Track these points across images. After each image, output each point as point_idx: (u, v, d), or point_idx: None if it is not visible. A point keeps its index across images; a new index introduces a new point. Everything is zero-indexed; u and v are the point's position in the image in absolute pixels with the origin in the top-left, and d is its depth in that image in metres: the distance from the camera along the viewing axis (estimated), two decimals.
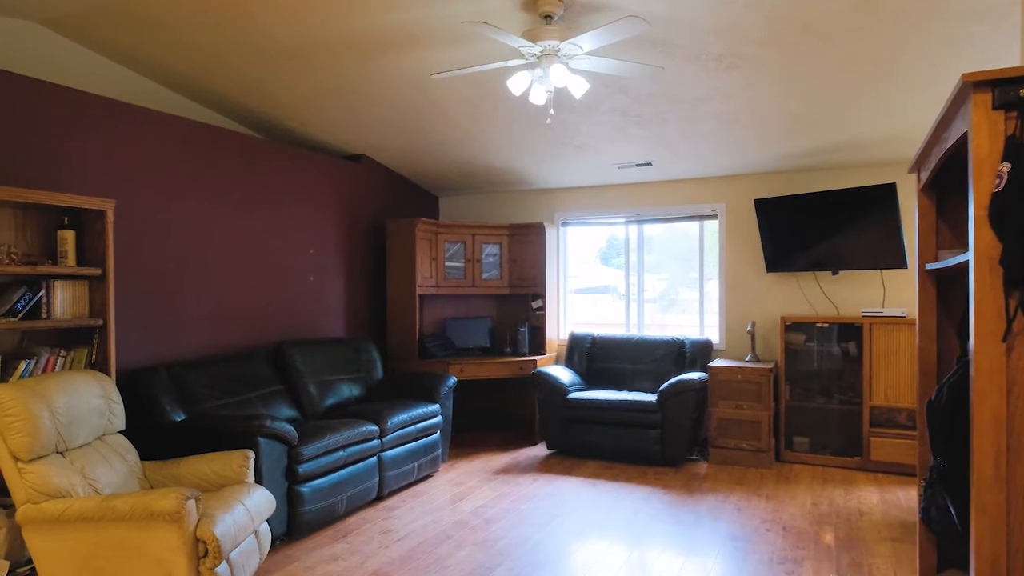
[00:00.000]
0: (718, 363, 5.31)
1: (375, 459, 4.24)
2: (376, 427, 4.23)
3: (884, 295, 5.30)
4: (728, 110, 4.42)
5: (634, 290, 6.30)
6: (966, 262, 1.76)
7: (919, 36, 3.33)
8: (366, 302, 5.91)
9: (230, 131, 4.57)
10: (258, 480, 3.39)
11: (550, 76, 3.32)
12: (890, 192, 4.87)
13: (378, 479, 4.26)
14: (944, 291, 2.39)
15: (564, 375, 5.59)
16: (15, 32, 3.65)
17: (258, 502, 2.98)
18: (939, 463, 1.89)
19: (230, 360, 4.22)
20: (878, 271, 5.29)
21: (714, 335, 5.92)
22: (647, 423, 5.11)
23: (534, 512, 4.13)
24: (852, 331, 5.07)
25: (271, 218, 4.88)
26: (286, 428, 3.56)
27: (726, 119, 4.57)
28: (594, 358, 5.97)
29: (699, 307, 6.03)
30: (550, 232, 6.20)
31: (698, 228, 6.02)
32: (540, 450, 5.66)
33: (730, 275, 5.82)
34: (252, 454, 3.18)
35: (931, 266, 2.21)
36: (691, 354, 5.59)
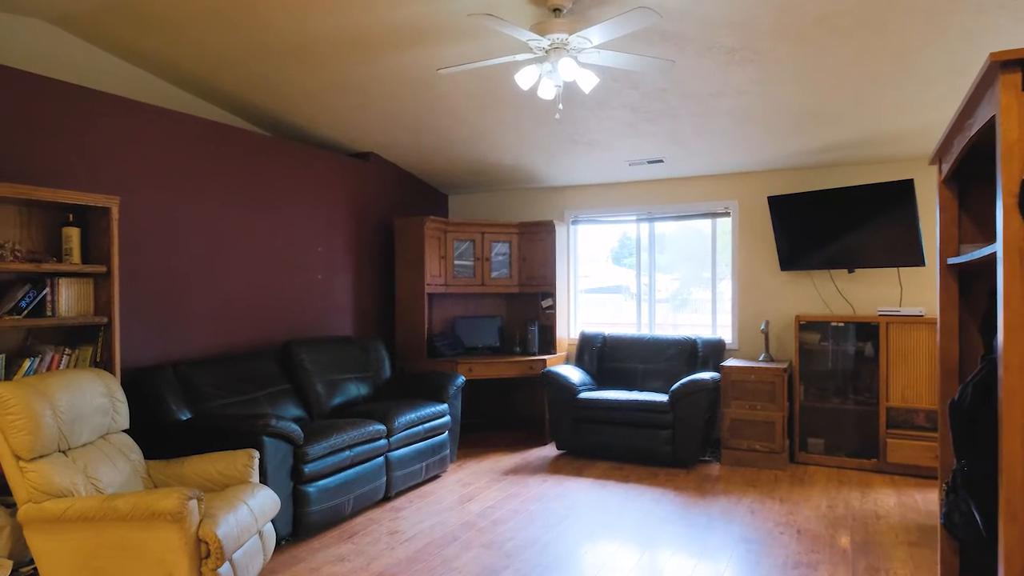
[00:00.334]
0: (731, 363, 5.22)
1: (382, 459, 4.20)
2: (383, 427, 4.19)
3: (901, 294, 5.19)
4: (741, 105, 4.34)
5: (645, 290, 6.23)
6: (991, 255, 1.69)
7: (938, 27, 3.24)
8: (374, 301, 5.87)
9: (238, 128, 4.54)
10: (263, 480, 3.35)
11: (559, 70, 3.26)
12: (908, 188, 4.77)
13: (385, 479, 4.21)
14: (966, 287, 2.31)
15: (574, 375, 5.52)
16: (23, 30, 3.64)
17: (262, 502, 2.94)
18: (963, 466, 1.81)
19: (237, 359, 4.20)
20: (895, 269, 5.18)
21: (727, 335, 5.84)
22: (658, 423, 5.03)
23: (543, 513, 4.07)
24: (868, 330, 4.97)
25: (279, 216, 4.85)
26: (291, 427, 3.52)
27: (739, 115, 4.49)
28: (605, 357, 5.90)
29: (712, 306, 5.94)
30: (560, 230, 6.14)
31: (711, 226, 5.94)
32: (549, 450, 5.60)
33: (743, 273, 5.73)
34: (257, 454, 3.14)
35: (953, 260, 2.13)
36: (703, 354, 5.51)
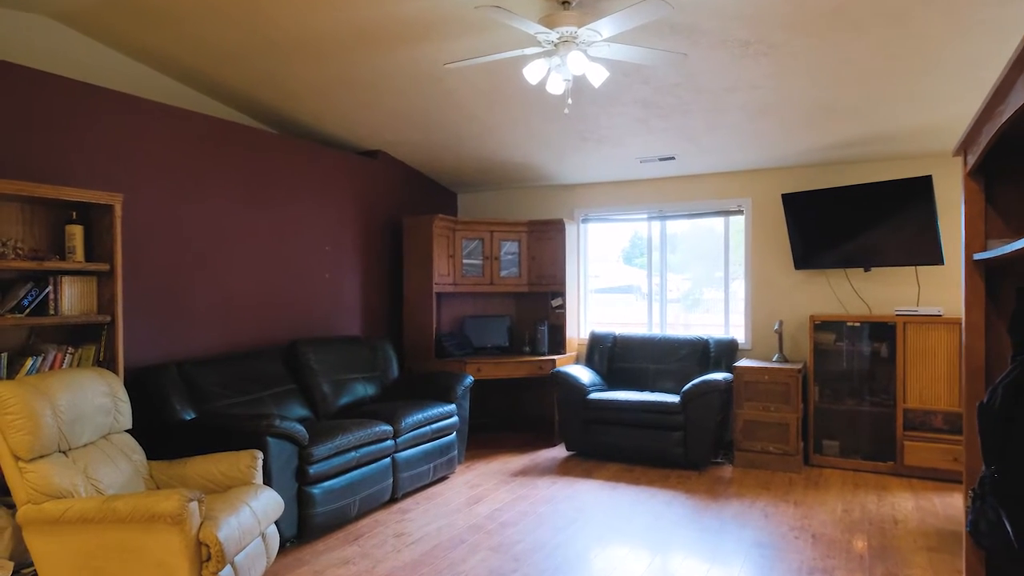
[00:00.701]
0: (744, 363, 5.13)
1: (389, 460, 4.14)
2: (390, 427, 4.13)
3: (919, 293, 5.08)
4: (755, 100, 4.24)
5: (656, 289, 6.14)
6: (1021, 250, 1.60)
7: (958, 19, 3.14)
8: (382, 300, 5.82)
9: (244, 126, 4.50)
10: (267, 481, 3.30)
11: (568, 64, 3.19)
12: (926, 185, 4.66)
13: (392, 481, 4.15)
14: (993, 284, 2.22)
15: (584, 375, 5.44)
16: (26, 26, 3.61)
17: (265, 504, 2.89)
18: (993, 472, 1.72)
19: (242, 358, 4.15)
20: (912, 268, 5.07)
21: (740, 335, 5.74)
22: (670, 425, 4.95)
23: (552, 516, 4.00)
24: (885, 330, 4.86)
25: (286, 214, 4.81)
26: (296, 428, 3.46)
27: (753, 110, 4.39)
28: (615, 358, 5.82)
29: (724, 306, 5.85)
30: (570, 229, 6.06)
31: (723, 224, 5.84)
32: (559, 452, 5.52)
33: (757, 272, 5.63)
34: (260, 454, 3.09)
35: (980, 256, 2.04)
36: (716, 354, 5.42)
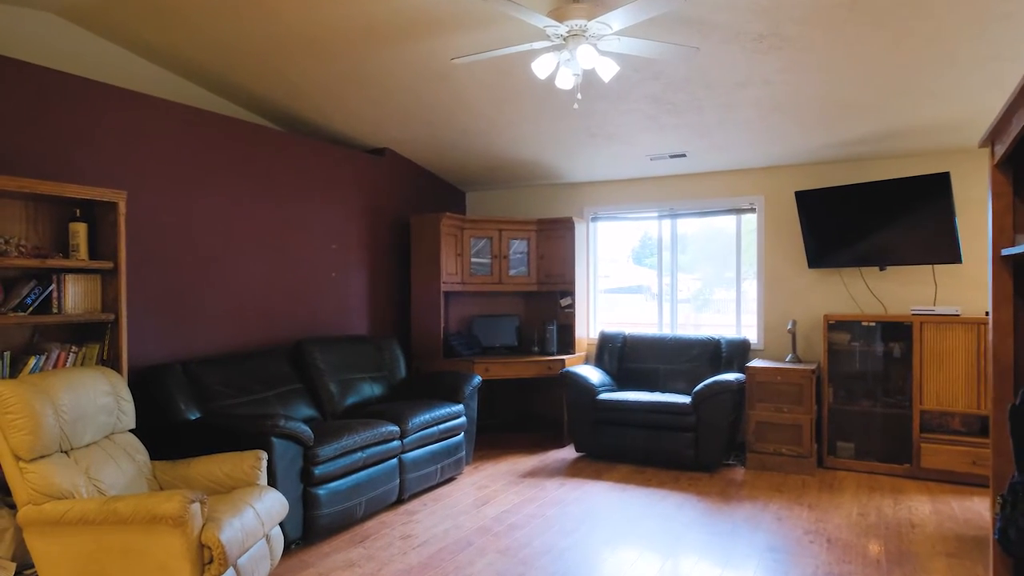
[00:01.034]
0: (756, 363, 5.04)
1: (395, 461, 4.09)
2: (397, 427, 4.08)
3: (936, 292, 4.98)
4: (768, 96, 4.16)
5: (667, 289, 6.06)
6: None
7: (978, 11, 3.06)
8: (390, 299, 5.77)
9: (250, 123, 4.46)
10: (272, 482, 3.26)
11: (577, 58, 3.13)
12: (943, 182, 4.56)
13: (398, 482, 4.10)
14: (1022, 281, 2.13)
15: (594, 375, 5.38)
16: (31, 23, 3.59)
17: (269, 505, 2.84)
18: None
19: (248, 357, 4.12)
20: (929, 267, 4.97)
21: (752, 335, 5.65)
22: (680, 426, 4.87)
23: (561, 518, 3.94)
24: (901, 330, 4.77)
25: (292, 212, 4.77)
26: (301, 428, 3.42)
27: (766, 106, 4.31)
28: (625, 358, 5.75)
29: (736, 306, 5.76)
30: (580, 227, 6.00)
31: (735, 223, 5.75)
32: (568, 453, 5.46)
33: (769, 271, 5.54)
34: (264, 455, 3.05)
35: (1008, 251, 1.96)
36: (727, 354, 5.34)
